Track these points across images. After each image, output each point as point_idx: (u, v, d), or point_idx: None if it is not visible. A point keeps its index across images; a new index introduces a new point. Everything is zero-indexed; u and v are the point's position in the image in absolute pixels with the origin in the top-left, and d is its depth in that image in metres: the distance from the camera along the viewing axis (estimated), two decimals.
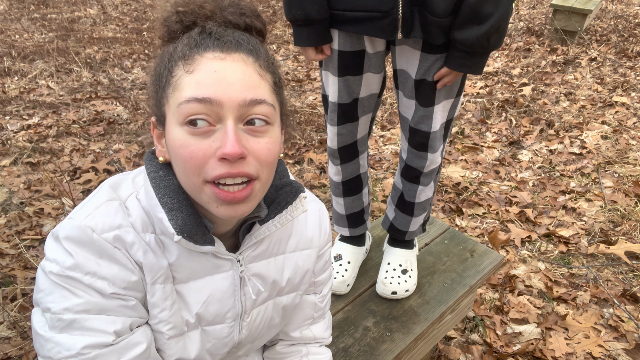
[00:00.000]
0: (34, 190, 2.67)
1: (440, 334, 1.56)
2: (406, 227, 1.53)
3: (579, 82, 4.01)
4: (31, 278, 2.08)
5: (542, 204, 2.62)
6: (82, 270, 0.64)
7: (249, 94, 0.62)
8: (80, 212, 0.68)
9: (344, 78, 1.24)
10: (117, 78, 4.17)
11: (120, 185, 0.73)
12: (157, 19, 0.69)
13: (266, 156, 0.65)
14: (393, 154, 3.07)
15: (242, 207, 0.65)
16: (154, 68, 0.69)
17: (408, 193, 1.46)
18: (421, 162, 1.35)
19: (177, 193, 0.67)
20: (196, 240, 0.68)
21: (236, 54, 0.63)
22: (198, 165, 0.62)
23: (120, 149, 3.12)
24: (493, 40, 1.09)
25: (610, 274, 2.15)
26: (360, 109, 1.32)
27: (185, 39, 0.65)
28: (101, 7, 6.13)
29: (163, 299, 0.71)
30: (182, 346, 0.76)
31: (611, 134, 3.24)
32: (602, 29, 5.17)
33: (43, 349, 0.65)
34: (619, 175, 2.82)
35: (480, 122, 3.45)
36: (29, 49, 4.64)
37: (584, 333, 1.86)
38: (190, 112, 0.61)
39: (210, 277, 0.76)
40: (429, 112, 1.25)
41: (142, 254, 0.69)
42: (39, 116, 3.47)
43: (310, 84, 4.12)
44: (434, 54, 1.16)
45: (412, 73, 1.21)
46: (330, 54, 1.23)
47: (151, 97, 0.70)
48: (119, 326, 0.67)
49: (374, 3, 1.09)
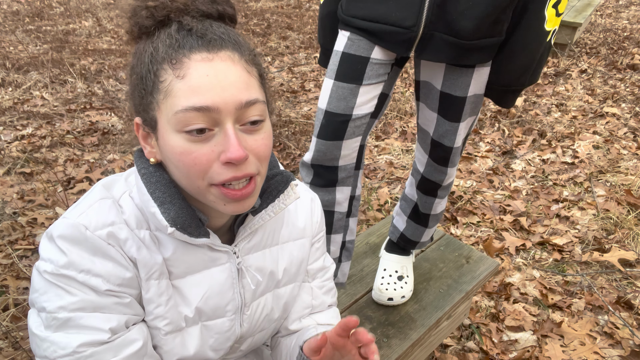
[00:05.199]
0: (27, 200, 2.65)
1: (436, 341, 1.56)
2: (419, 237, 1.52)
3: (570, 94, 4.06)
4: (24, 288, 2.05)
5: (535, 212, 2.63)
6: (76, 268, 0.64)
7: (243, 96, 0.62)
8: (74, 211, 0.68)
9: (339, 83, 1.16)
10: (112, 89, 4.17)
11: (113, 185, 0.73)
12: (121, 12, 0.66)
13: (264, 152, 0.66)
14: (387, 164, 3.09)
15: (247, 202, 0.67)
16: (132, 68, 0.67)
17: (424, 205, 1.44)
18: (440, 176, 1.33)
19: (168, 187, 0.68)
20: (190, 232, 0.68)
21: (222, 52, 0.63)
22: (202, 170, 0.63)
23: (114, 159, 3.11)
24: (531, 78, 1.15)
25: (605, 281, 2.16)
26: (350, 129, 1.17)
27: (165, 39, 0.63)
28: (96, 19, 6.15)
29: (158, 294, 0.71)
30: (180, 342, 0.75)
31: (602, 144, 3.27)
32: (592, 42, 5.26)
33: (39, 348, 0.65)
34: (611, 184, 2.85)
35: (473, 132, 3.48)
36: (24, 60, 4.64)
37: (580, 340, 1.87)
38: (189, 121, 0.61)
39: (207, 270, 0.76)
40: (455, 127, 1.21)
41: (136, 250, 0.69)
42: (32, 127, 3.46)
43: (304, 95, 4.15)
44: (460, 67, 1.12)
45: (437, 85, 1.18)
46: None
47: (132, 97, 0.69)
48: (114, 323, 0.66)
49: (396, 18, 1.05)
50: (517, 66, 1.11)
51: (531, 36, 1.06)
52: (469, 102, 1.17)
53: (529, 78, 1.13)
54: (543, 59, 1.12)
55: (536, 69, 1.13)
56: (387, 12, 1.06)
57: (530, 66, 1.11)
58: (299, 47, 5.38)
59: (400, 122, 3.63)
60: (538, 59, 1.11)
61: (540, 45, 1.08)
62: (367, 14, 1.08)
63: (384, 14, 1.06)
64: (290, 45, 5.43)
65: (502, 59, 1.11)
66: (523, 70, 1.11)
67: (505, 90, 1.16)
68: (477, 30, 1.03)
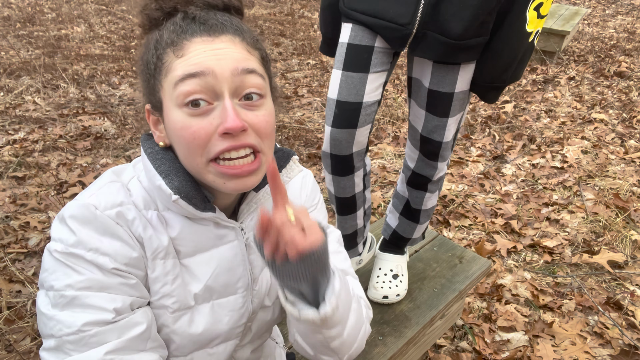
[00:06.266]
0: (19, 204, 2.63)
1: (430, 340, 1.58)
2: (410, 234, 1.55)
3: (558, 100, 4.13)
4: (17, 291, 2.04)
5: (526, 215, 2.67)
6: (85, 247, 0.66)
7: (239, 64, 0.65)
8: (84, 194, 0.71)
9: (348, 73, 1.20)
10: (105, 94, 4.17)
11: (122, 172, 0.76)
12: (135, 7, 0.71)
13: (265, 128, 0.68)
14: (380, 168, 3.11)
15: (250, 180, 0.68)
16: (141, 57, 0.71)
17: (415, 200, 1.48)
18: (431, 170, 1.37)
19: (173, 162, 0.70)
20: (196, 204, 0.70)
21: (223, 35, 0.66)
22: (201, 144, 0.64)
23: (107, 163, 3.11)
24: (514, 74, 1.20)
25: (594, 282, 2.20)
26: (362, 117, 1.23)
27: (170, 26, 0.67)
28: (88, 25, 6.15)
29: (164, 274, 0.73)
30: (188, 320, 0.76)
31: (591, 149, 3.33)
32: (580, 50, 5.35)
33: (46, 327, 0.66)
34: (600, 188, 2.90)
35: (464, 137, 3.53)
36: (15, 65, 4.62)
37: (571, 340, 1.89)
38: (188, 91, 0.63)
39: (216, 249, 0.78)
40: (443, 123, 1.26)
41: (143, 230, 0.70)
42: (24, 131, 3.45)
43: (298, 101, 4.17)
44: (446, 64, 1.18)
45: (426, 82, 1.23)
46: None
47: (142, 86, 0.72)
48: (119, 304, 0.67)
49: (393, 14, 1.11)
50: (499, 64, 1.16)
51: (513, 36, 1.11)
52: (457, 98, 1.22)
53: (511, 76, 1.19)
54: (525, 58, 1.18)
55: (518, 68, 1.18)
56: (385, 8, 1.11)
57: (512, 64, 1.16)
58: (292, 53, 5.42)
59: (392, 127, 3.67)
60: (520, 58, 1.16)
61: (522, 45, 1.13)
62: (367, 8, 1.14)
63: (382, 10, 1.11)
64: (283, 51, 5.46)
65: (486, 57, 1.16)
66: (505, 68, 1.16)
67: (488, 86, 1.21)
68: (466, 31, 1.08)
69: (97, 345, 0.65)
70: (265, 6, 7.31)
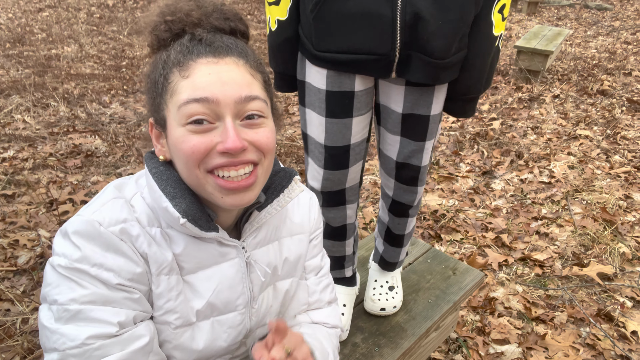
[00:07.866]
0: (8, 222, 2.61)
1: (425, 352, 1.58)
2: (396, 258, 1.54)
3: (544, 117, 4.22)
4: (6, 310, 2.01)
5: (516, 229, 2.70)
6: (89, 262, 0.67)
7: (243, 91, 0.67)
8: (88, 209, 0.71)
9: (332, 120, 1.16)
10: (95, 112, 4.17)
11: (124, 187, 0.76)
12: (145, 28, 0.73)
13: (266, 143, 0.70)
14: (372, 184, 3.14)
15: (247, 195, 0.70)
16: (148, 75, 0.73)
17: (397, 227, 1.45)
18: (411, 196, 1.33)
19: (179, 184, 0.71)
20: (201, 225, 0.71)
21: (228, 57, 0.68)
22: (199, 158, 0.66)
23: (98, 181, 3.09)
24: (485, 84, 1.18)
25: (585, 294, 2.22)
26: (352, 157, 1.22)
27: (177, 47, 0.69)
28: (79, 45, 6.17)
29: (168, 289, 0.73)
30: (189, 336, 0.77)
31: (577, 164, 3.40)
32: (563, 69, 5.49)
33: (49, 341, 0.66)
34: (587, 202, 2.95)
35: (454, 153, 3.58)
36: (5, 84, 4.61)
37: (564, 352, 1.91)
38: (191, 113, 0.65)
39: (217, 266, 0.78)
40: (421, 147, 1.21)
41: (147, 246, 0.71)
42: (14, 149, 3.43)
43: (289, 119, 4.21)
44: (419, 87, 1.12)
45: (397, 108, 1.17)
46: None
47: (147, 103, 0.74)
48: (122, 318, 0.68)
49: (369, 46, 1.03)
50: (474, 74, 1.14)
51: (483, 43, 1.10)
52: (433, 120, 1.18)
53: (484, 84, 1.18)
54: (494, 63, 1.17)
55: (489, 74, 1.17)
56: (361, 41, 1.03)
57: (484, 71, 1.15)
58: None
59: None
60: (490, 64, 1.15)
61: (491, 50, 1.12)
62: (341, 46, 1.05)
63: (359, 43, 1.04)
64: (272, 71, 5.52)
65: (461, 69, 1.14)
66: (479, 76, 1.15)
67: (466, 98, 1.19)
68: (449, 48, 1.04)
69: (101, 358, 0.66)
70: (256, 27, 7.41)
